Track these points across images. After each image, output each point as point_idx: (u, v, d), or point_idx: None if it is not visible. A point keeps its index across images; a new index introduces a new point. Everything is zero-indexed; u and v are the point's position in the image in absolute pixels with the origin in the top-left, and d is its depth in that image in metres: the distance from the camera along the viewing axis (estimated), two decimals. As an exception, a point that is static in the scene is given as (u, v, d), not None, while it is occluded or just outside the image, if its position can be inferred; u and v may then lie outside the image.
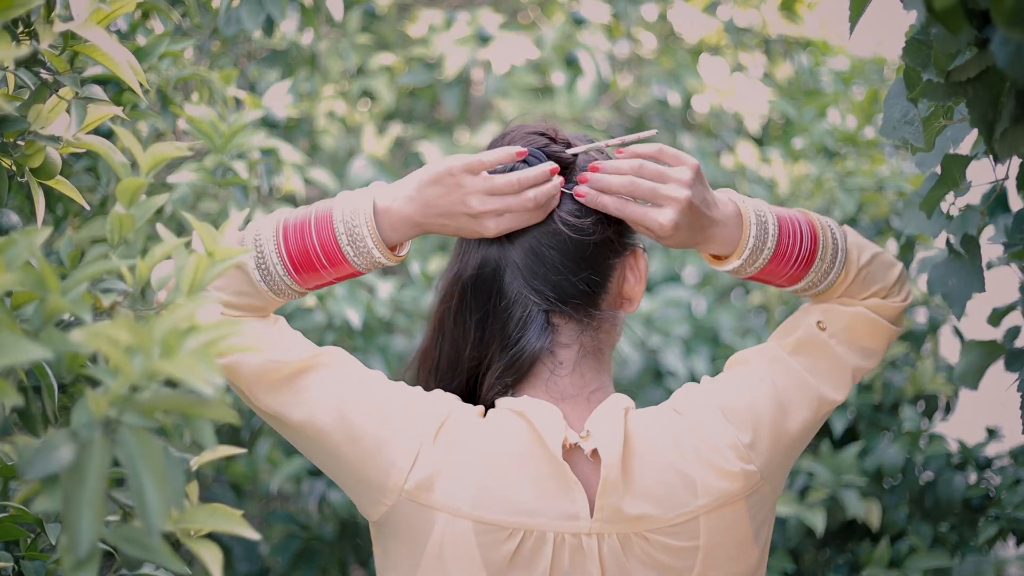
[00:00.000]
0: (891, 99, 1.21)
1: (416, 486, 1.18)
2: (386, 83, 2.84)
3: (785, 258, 1.27)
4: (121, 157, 1.10)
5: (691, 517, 1.17)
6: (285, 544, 2.51)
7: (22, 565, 1.10)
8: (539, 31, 3.00)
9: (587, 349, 1.27)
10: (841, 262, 1.30)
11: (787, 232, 1.27)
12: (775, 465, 1.23)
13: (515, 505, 1.16)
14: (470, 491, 1.17)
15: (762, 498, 1.22)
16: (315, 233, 1.22)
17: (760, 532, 1.22)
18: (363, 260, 1.23)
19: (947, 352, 2.50)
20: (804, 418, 1.26)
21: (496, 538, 1.16)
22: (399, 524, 1.20)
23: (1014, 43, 0.89)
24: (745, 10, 3.34)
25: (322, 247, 1.22)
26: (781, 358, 1.29)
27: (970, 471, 2.12)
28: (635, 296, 1.31)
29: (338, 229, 1.21)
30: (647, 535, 1.17)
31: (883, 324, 1.32)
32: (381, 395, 1.22)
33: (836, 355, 1.30)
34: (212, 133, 1.77)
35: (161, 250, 0.93)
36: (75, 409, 0.73)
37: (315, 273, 1.23)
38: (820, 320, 1.30)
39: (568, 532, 1.16)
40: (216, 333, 0.73)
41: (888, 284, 1.33)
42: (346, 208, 1.22)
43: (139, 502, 0.70)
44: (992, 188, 1.42)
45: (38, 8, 1.10)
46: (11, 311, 0.80)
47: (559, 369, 1.26)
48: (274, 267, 1.21)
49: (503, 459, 1.18)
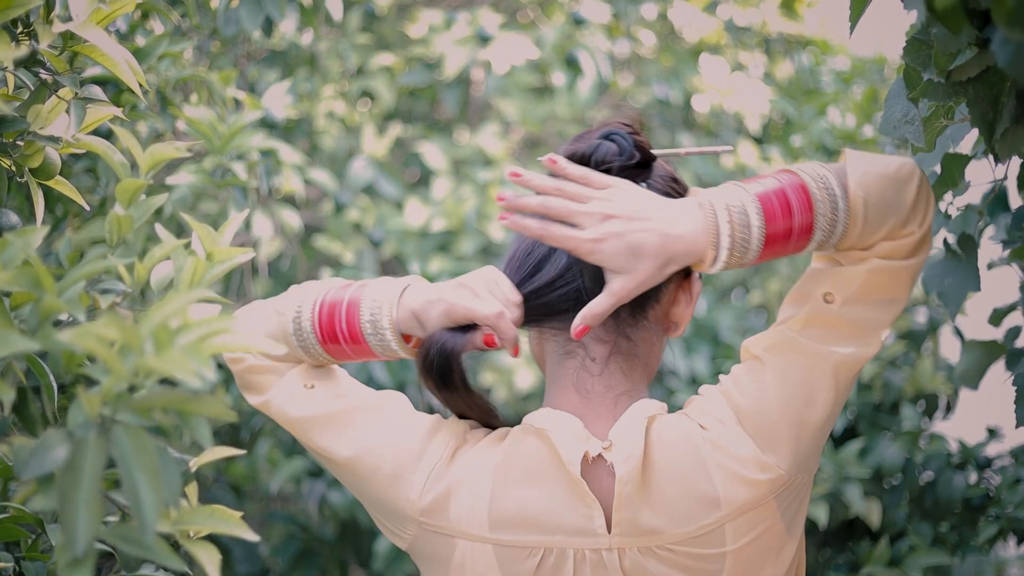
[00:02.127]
0: (891, 98, 1.21)
1: (429, 513, 1.20)
2: (386, 83, 2.84)
3: (780, 239, 1.16)
4: (120, 157, 1.10)
5: (715, 527, 1.15)
6: (285, 545, 2.51)
7: (23, 566, 1.10)
8: (539, 31, 3.00)
9: (622, 351, 1.25)
10: (844, 211, 1.16)
11: (774, 214, 1.15)
12: (804, 457, 1.19)
13: (533, 524, 1.17)
14: (486, 514, 1.18)
15: (795, 489, 1.19)
16: (344, 317, 1.24)
17: (793, 524, 1.20)
18: (384, 351, 1.24)
19: (947, 352, 2.50)
20: (828, 399, 1.19)
21: (517, 556, 1.17)
22: (424, 551, 1.23)
23: (1014, 43, 0.88)
24: (745, 9, 3.34)
25: (349, 331, 1.24)
26: (792, 342, 1.20)
27: (970, 471, 2.12)
28: (682, 321, 1.29)
29: (363, 317, 1.23)
30: (671, 547, 1.16)
31: (901, 268, 1.19)
32: (396, 426, 1.25)
33: (853, 320, 1.19)
34: (211, 134, 1.77)
35: (160, 251, 0.93)
36: (71, 409, 0.73)
37: (340, 349, 1.25)
38: (827, 292, 1.20)
39: (588, 548, 1.16)
40: (208, 329, 0.73)
41: (904, 212, 1.17)
42: (375, 298, 1.24)
43: (133, 500, 0.70)
44: (992, 188, 1.42)
45: (37, 8, 1.10)
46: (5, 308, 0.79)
47: (590, 365, 1.24)
48: (307, 334, 1.24)
49: (519, 479, 1.18)
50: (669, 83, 3.18)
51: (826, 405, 1.19)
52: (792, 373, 1.19)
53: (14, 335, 0.72)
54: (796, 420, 1.18)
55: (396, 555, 2.35)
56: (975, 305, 2.30)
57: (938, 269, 1.41)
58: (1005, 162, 1.07)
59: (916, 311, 2.53)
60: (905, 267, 1.19)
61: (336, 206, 2.62)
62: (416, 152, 2.96)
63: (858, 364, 1.20)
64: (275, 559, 2.52)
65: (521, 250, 1.25)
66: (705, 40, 3.37)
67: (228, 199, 1.92)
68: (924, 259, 1.20)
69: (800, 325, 1.20)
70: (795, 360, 1.19)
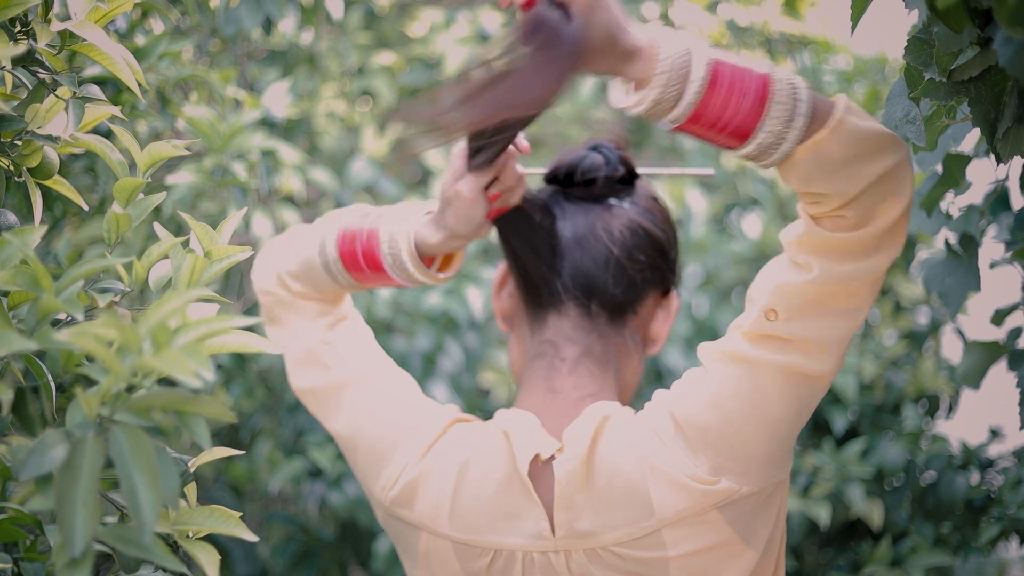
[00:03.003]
0: (893, 98, 1.20)
1: (396, 503, 1.23)
2: (386, 83, 2.83)
3: (715, 112, 1.03)
4: (118, 156, 1.09)
5: (652, 531, 1.14)
6: (285, 546, 2.50)
7: (21, 567, 1.09)
8: (540, 31, 2.99)
9: (594, 353, 1.26)
10: (799, 130, 1.02)
11: (719, 84, 1.02)
12: (752, 469, 1.14)
13: (485, 525, 1.18)
14: (446, 510, 1.19)
15: (746, 501, 1.14)
16: (363, 251, 1.26)
17: (754, 535, 1.15)
18: (410, 280, 1.27)
19: (949, 352, 2.50)
20: (782, 411, 1.12)
21: (471, 555, 1.19)
22: (394, 534, 1.26)
23: (1016, 42, 0.88)
24: (747, 8, 3.34)
25: (370, 263, 1.26)
26: (739, 353, 1.13)
27: (972, 471, 2.12)
28: (659, 337, 1.31)
29: (383, 250, 1.25)
30: (614, 549, 1.15)
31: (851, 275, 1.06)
32: (390, 409, 1.28)
33: (802, 337, 1.10)
34: (211, 133, 1.76)
35: (158, 249, 0.93)
36: (69, 409, 0.73)
37: (366, 276, 1.28)
38: (770, 308, 1.10)
39: (536, 551, 1.16)
40: (207, 329, 0.72)
41: (859, 182, 1.03)
42: (391, 231, 1.25)
43: (131, 500, 0.70)
44: (994, 187, 1.41)
45: (36, 7, 1.10)
46: (3, 307, 0.79)
47: (559, 364, 1.25)
48: (334, 263, 1.27)
49: (477, 478, 1.19)
50: (670, 83, 3.17)
51: (780, 417, 1.12)
52: (735, 385, 1.13)
53: (12, 335, 0.72)
54: (736, 433, 1.12)
55: (396, 556, 2.34)
56: (977, 305, 2.29)
57: (939, 269, 1.41)
58: (1007, 162, 1.06)
59: (918, 311, 2.53)
60: (855, 273, 1.06)
61: (336, 206, 2.62)
62: (416, 153, 2.95)
63: (811, 379, 1.12)
64: (274, 560, 2.51)
65: None
66: (707, 39, 3.37)
67: (228, 199, 1.91)
68: (885, 263, 1.08)
69: (748, 336, 1.13)
70: (738, 372, 1.13)
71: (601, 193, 1.29)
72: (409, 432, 1.24)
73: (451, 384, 2.51)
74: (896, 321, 2.44)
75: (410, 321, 2.57)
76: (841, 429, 2.30)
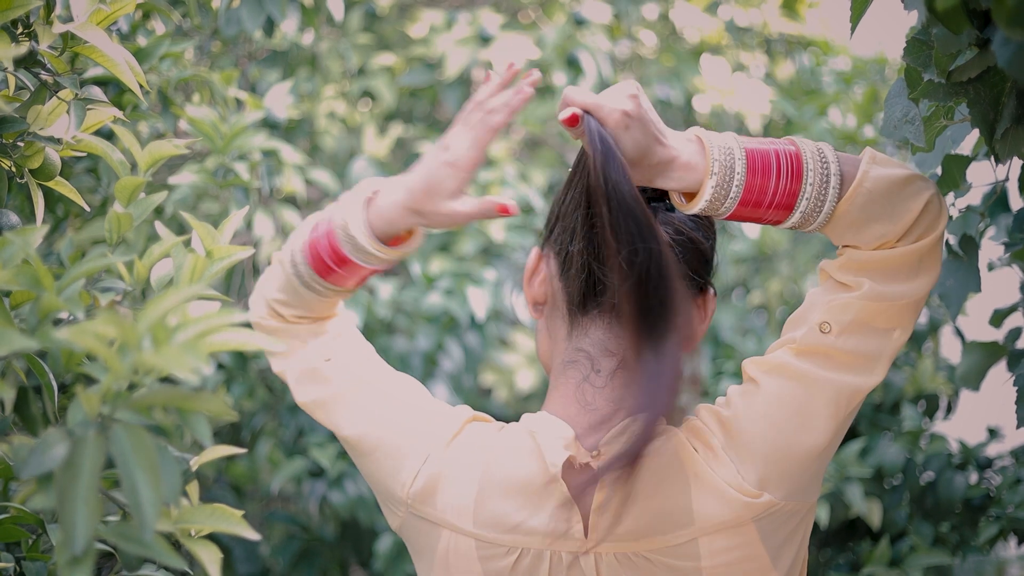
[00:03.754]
0: (892, 99, 1.21)
1: (419, 498, 1.20)
2: (387, 83, 2.84)
3: (758, 195, 1.12)
4: (120, 156, 1.10)
5: (689, 539, 1.14)
6: (285, 545, 2.51)
7: (23, 566, 1.10)
8: (540, 31, 3.00)
9: (629, 366, 1.21)
10: (835, 192, 1.12)
11: (755, 169, 1.12)
12: (793, 484, 1.16)
13: (512, 524, 1.17)
14: (470, 507, 1.18)
15: (782, 516, 1.16)
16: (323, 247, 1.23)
17: (781, 555, 1.16)
18: (366, 258, 1.22)
19: (948, 352, 2.50)
20: (827, 428, 1.16)
21: (495, 553, 1.17)
22: (412, 536, 1.24)
23: (1015, 43, 0.88)
24: (746, 10, 3.34)
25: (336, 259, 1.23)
26: (789, 367, 1.17)
27: (971, 471, 2.12)
28: (697, 336, 1.25)
29: (338, 235, 1.21)
30: (648, 555, 1.15)
31: (897, 296, 1.14)
32: (402, 408, 1.26)
33: (852, 351, 1.15)
34: (213, 134, 1.77)
35: (160, 248, 0.93)
36: (70, 407, 0.73)
37: (334, 275, 1.25)
38: (824, 321, 1.15)
39: (565, 551, 1.16)
40: (206, 325, 0.73)
41: (900, 223, 1.12)
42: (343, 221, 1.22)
43: (132, 498, 0.70)
44: (993, 189, 1.41)
45: (37, 9, 1.10)
46: (5, 307, 0.80)
47: (594, 378, 1.22)
48: (305, 268, 1.24)
49: (504, 476, 1.18)
50: (670, 83, 3.18)
51: (824, 433, 1.16)
52: (787, 399, 1.16)
53: (13, 334, 0.72)
54: (786, 446, 1.15)
55: (396, 555, 2.35)
56: (976, 306, 2.30)
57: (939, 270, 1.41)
58: (1006, 163, 1.07)
59: (917, 311, 2.53)
60: (900, 294, 1.14)
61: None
62: (417, 152, 2.96)
63: (859, 393, 1.16)
64: (275, 559, 2.52)
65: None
66: (706, 40, 3.37)
67: (230, 199, 1.92)
68: (925, 288, 1.15)
69: (798, 351, 1.16)
70: (791, 386, 1.16)
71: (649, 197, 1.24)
72: (427, 428, 1.23)
73: (451, 384, 2.51)
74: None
75: (410, 321, 2.58)
76: (841, 429, 2.30)
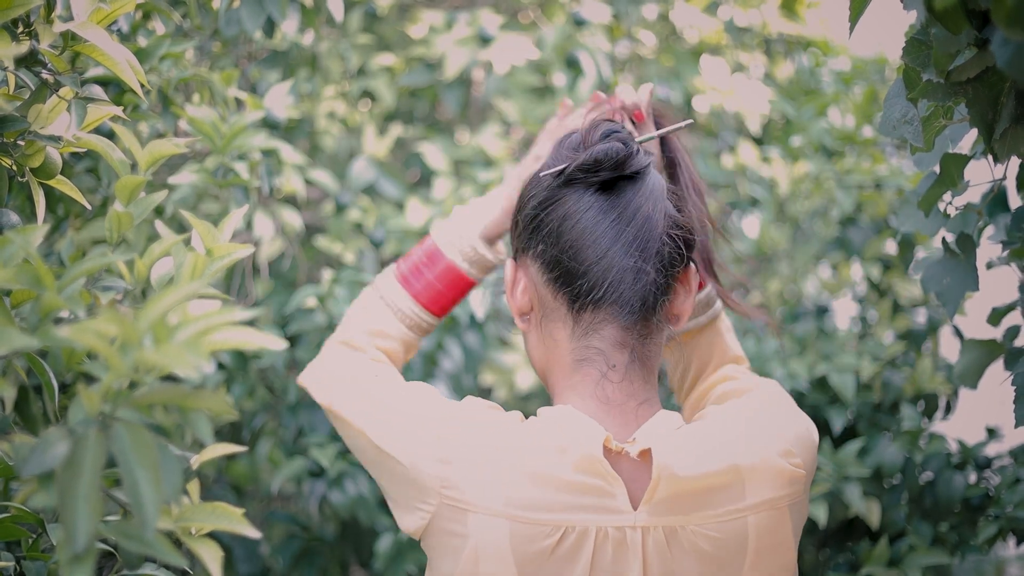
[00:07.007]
0: (891, 98, 1.21)
1: (447, 483, 1.18)
2: (387, 84, 2.84)
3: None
4: (120, 154, 1.10)
5: (739, 516, 1.15)
6: (286, 544, 2.51)
7: (23, 565, 1.10)
8: (540, 32, 3.00)
9: (639, 357, 1.23)
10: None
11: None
12: (811, 472, 1.25)
13: (554, 502, 1.14)
14: (504, 490, 1.15)
15: (801, 504, 1.22)
16: (426, 260, 1.47)
17: (796, 535, 1.21)
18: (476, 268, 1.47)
19: (947, 351, 2.50)
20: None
21: (533, 535, 1.14)
22: (438, 532, 1.19)
23: (1014, 43, 0.89)
24: (746, 10, 3.34)
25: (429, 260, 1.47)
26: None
27: (970, 470, 2.12)
28: (684, 313, 1.27)
29: (449, 254, 1.47)
30: (695, 529, 1.14)
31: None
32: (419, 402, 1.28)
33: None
34: (213, 134, 1.77)
35: (160, 247, 0.93)
36: (71, 406, 0.73)
37: (442, 297, 1.47)
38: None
39: (611, 526, 1.14)
40: (207, 323, 0.73)
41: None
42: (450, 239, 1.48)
43: (133, 496, 0.71)
44: (991, 188, 1.42)
45: (38, 8, 1.10)
46: (5, 306, 0.80)
47: (611, 373, 1.22)
48: (412, 311, 1.46)
49: (540, 456, 1.16)
50: (670, 84, 3.18)
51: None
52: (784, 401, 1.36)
53: (14, 333, 0.72)
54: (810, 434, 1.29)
55: (397, 555, 2.35)
56: (974, 305, 2.30)
57: (937, 269, 1.41)
58: (1004, 162, 1.07)
59: (916, 311, 2.53)
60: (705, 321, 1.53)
61: (337, 206, 2.63)
62: (417, 152, 2.96)
63: None
64: (275, 559, 2.52)
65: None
66: (706, 41, 3.37)
67: (230, 199, 1.92)
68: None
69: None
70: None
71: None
72: (445, 415, 1.22)
73: (451, 384, 2.51)
74: (894, 321, 2.45)
75: (410, 321, 2.57)
76: (839, 429, 2.31)
